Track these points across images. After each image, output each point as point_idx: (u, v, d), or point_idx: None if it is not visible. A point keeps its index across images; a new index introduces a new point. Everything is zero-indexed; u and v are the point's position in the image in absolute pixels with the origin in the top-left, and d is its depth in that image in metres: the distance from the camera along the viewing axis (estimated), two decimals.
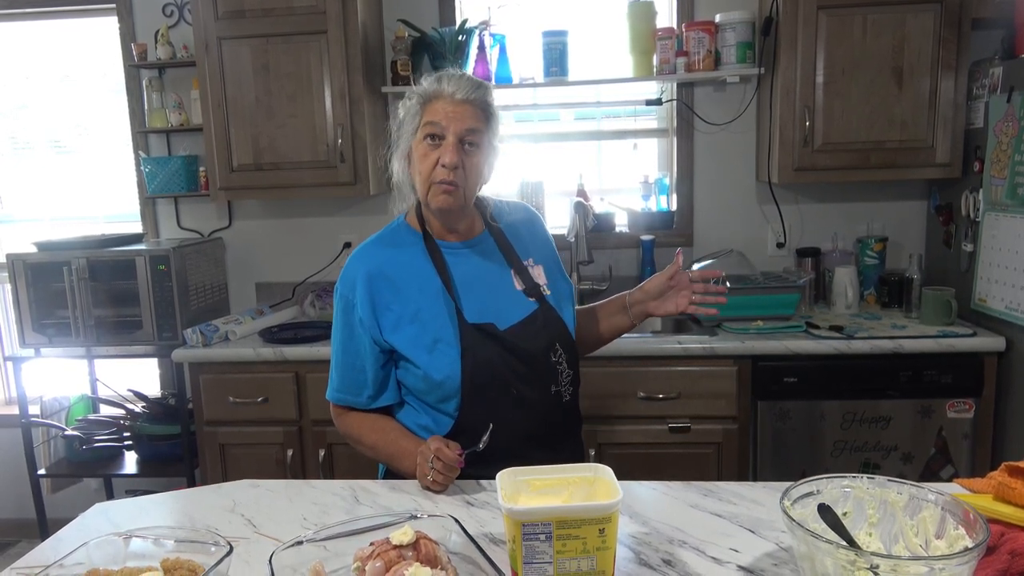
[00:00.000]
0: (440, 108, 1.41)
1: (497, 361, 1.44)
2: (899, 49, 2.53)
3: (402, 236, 1.53)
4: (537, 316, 1.51)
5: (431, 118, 1.41)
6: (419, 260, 1.49)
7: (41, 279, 2.82)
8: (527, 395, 1.46)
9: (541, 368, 1.48)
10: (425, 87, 1.45)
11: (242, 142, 2.80)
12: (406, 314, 1.46)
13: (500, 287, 1.52)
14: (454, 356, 1.43)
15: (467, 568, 1.03)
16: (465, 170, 1.41)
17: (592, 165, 3.21)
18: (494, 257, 1.54)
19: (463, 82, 1.42)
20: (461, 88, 1.41)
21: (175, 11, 3.10)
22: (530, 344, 1.47)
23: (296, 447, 2.65)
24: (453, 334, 1.44)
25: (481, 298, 1.49)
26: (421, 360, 1.44)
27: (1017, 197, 2.26)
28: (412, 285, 1.47)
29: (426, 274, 1.48)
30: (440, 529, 1.08)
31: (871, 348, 2.39)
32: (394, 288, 1.46)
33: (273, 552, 1.01)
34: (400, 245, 1.51)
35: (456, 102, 1.40)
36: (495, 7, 2.96)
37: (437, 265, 1.48)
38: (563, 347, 1.52)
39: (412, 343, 1.45)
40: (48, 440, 3.04)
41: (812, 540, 0.91)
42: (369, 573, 0.97)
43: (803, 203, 3.01)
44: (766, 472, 2.49)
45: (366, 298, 1.46)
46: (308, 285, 3.22)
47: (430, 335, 1.44)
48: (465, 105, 1.41)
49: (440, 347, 1.43)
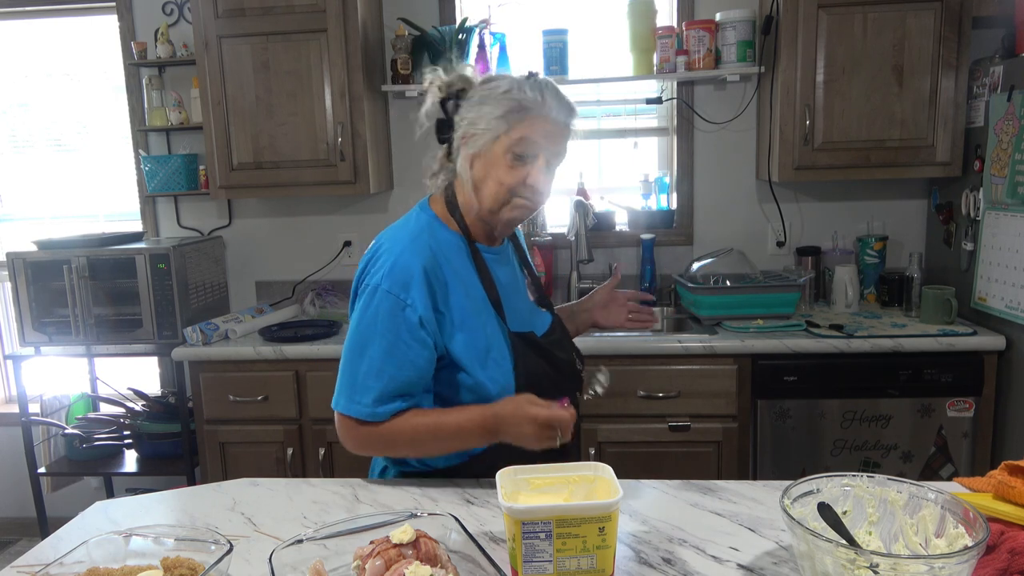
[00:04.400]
0: (539, 127, 1.32)
1: (541, 372, 1.41)
2: (899, 48, 2.53)
3: (439, 233, 1.40)
4: (556, 326, 1.52)
5: (527, 134, 1.31)
6: (463, 262, 1.40)
7: (41, 277, 2.82)
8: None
9: (570, 376, 1.49)
10: (524, 95, 1.31)
11: (242, 140, 2.80)
12: (456, 318, 1.35)
13: (523, 297, 1.52)
14: (507, 368, 1.37)
15: (467, 566, 1.03)
16: (543, 190, 1.37)
17: (592, 163, 3.20)
18: (514, 265, 1.53)
19: (564, 103, 1.35)
20: (563, 110, 1.34)
21: (175, 9, 3.09)
22: (563, 353, 1.48)
23: (296, 446, 2.65)
24: (503, 344, 1.38)
25: (515, 306, 1.45)
26: (476, 371, 1.35)
27: (1017, 196, 2.26)
28: (459, 288, 1.37)
29: (470, 279, 1.39)
30: (440, 528, 1.08)
31: (871, 347, 2.39)
32: (445, 289, 1.35)
33: (273, 551, 1.01)
34: (443, 243, 1.39)
35: (556, 123, 1.33)
36: (495, 5, 2.96)
37: (480, 269, 1.40)
38: (578, 355, 1.54)
39: (467, 351, 1.35)
40: (48, 438, 3.04)
41: (812, 539, 0.91)
42: (369, 572, 0.97)
43: (803, 202, 3.01)
44: (766, 471, 2.50)
45: (426, 297, 1.32)
46: (308, 283, 3.22)
47: (482, 343, 1.36)
48: (561, 128, 1.35)
49: (492, 356, 1.37)
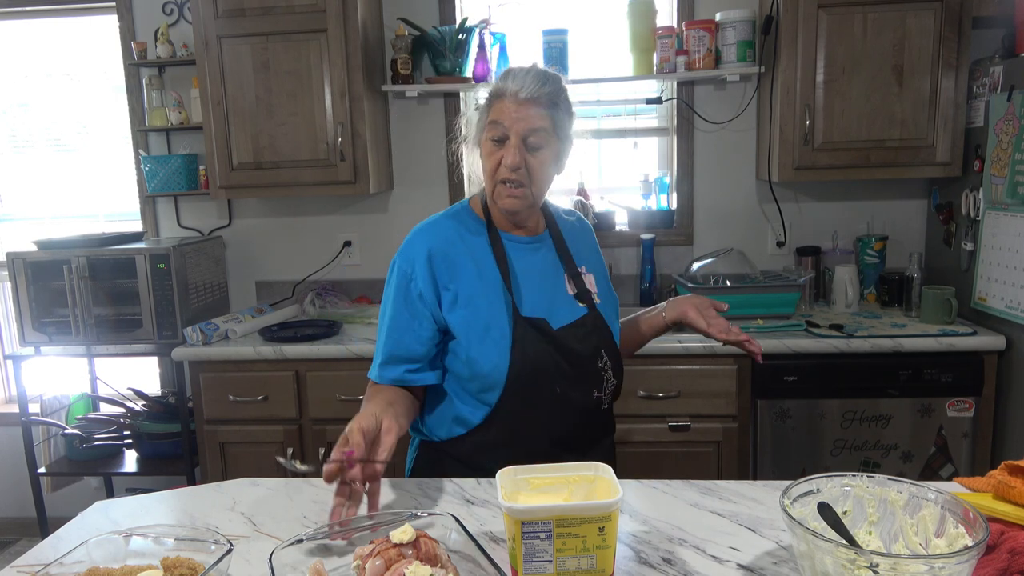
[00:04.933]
0: (504, 108, 1.39)
1: (545, 357, 1.43)
2: (899, 47, 2.53)
3: (466, 220, 1.51)
4: (587, 321, 1.51)
5: (495, 117, 1.40)
6: (481, 247, 1.48)
7: (41, 277, 2.82)
8: (569, 396, 1.46)
9: (587, 371, 1.48)
10: (493, 84, 1.43)
11: (242, 140, 2.80)
12: (462, 296, 1.44)
13: (555, 287, 1.52)
14: (504, 347, 1.41)
15: (467, 566, 1.03)
16: (530, 170, 1.40)
17: (592, 163, 3.21)
18: (551, 258, 1.54)
19: (528, 79, 1.39)
20: (526, 86, 1.38)
21: (175, 9, 3.09)
22: (579, 346, 1.47)
23: (296, 445, 2.65)
24: (506, 325, 1.43)
25: (536, 294, 1.48)
26: (471, 344, 1.42)
27: (1017, 196, 2.26)
28: (471, 270, 1.45)
29: (486, 262, 1.47)
30: (440, 527, 1.08)
31: (871, 347, 2.39)
32: (453, 269, 1.45)
33: (273, 550, 1.01)
34: (465, 228, 1.50)
35: (520, 102, 1.38)
36: (495, 5, 2.96)
37: (498, 256, 1.47)
38: (609, 355, 1.52)
39: (464, 325, 1.43)
40: (48, 438, 3.04)
41: (812, 539, 0.91)
42: (369, 571, 0.97)
43: (803, 202, 3.01)
44: (766, 471, 2.50)
45: (427, 274, 1.43)
46: (308, 283, 3.22)
47: (482, 321, 1.43)
48: (529, 104, 1.38)
49: (491, 335, 1.42)
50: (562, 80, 1.46)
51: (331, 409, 2.61)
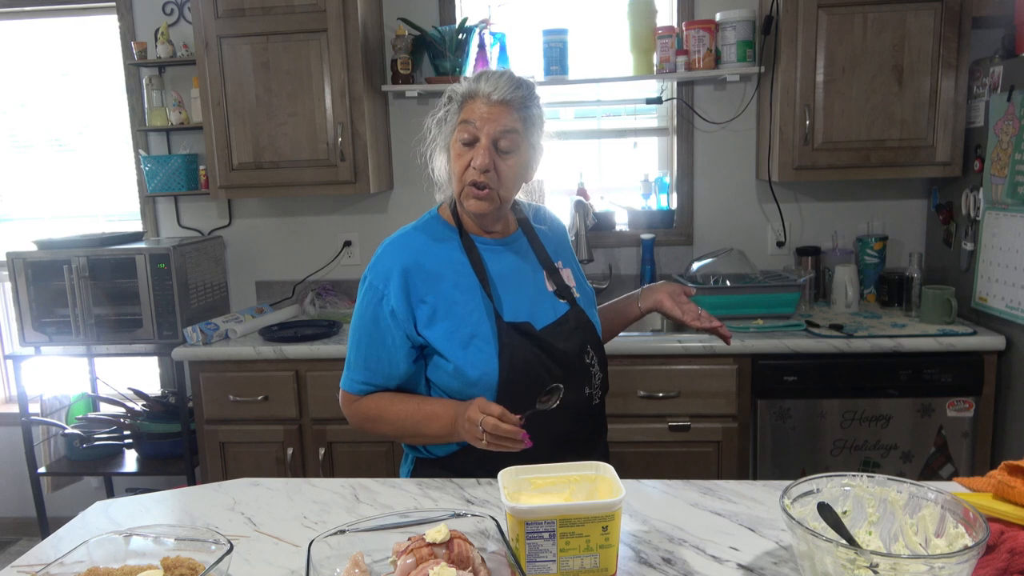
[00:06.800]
0: (476, 109, 1.38)
1: (534, 361, 1.42)
2: (899, 47, 2.53)
3: (437, 229, 1.50)
4: (569, 318, 1.51)
5: (466, 117, 1.39)
6: (455, 254, 1.47)
7: (41, 277, 2.82)
8: (563, 396, 1.46)
9: (575, 369, 1.48)
10: (465, 85, 1.42)
11: (242, 140, 2.80)
12: (441, 308, 1.42)
13: (534, 286, 1.52)
14: (491, 353, 1.41)
15: (505, 572, 1.00)
16: (499, 173, 1.39)
17: (592, 163, 3.20)
18: (527, 256, 1.54)
19: (501, 81, 1.39)
20: (499, 88, 1.38)
21: (175, 9, 3.09)
22: (565, 345, 1.47)
23: (296, 445, 2.65)
24: (490, 331, 1.42)
25: (516, 296, 1.47)
26: (456, 356, 1.41)
27: (1017, 196, 2.26)
28: (447, 279, 1.44)
29: (462, 269, 1.45)
30: (477, 531, 1.05)
31: (871, 347, 2.39)
32: (429, 281, 1.43)
33: (312, 540, 1.00)
34: (436, 238, 1.48)
35: (492, 103, 1.38)
36: (495, 5, 2.96)
37: (473, 261, 1.46)
38: (594, 349, 1.52)
39: (446, 338, 1.41)
40: (48, 438, 3.04)
41: (812, 538, 0.91)
42: (399, 568, 0.96)
43: (803, 202, 3.01)
44: (766, 471, 2.50)
45: (400, 291, 1.42)
46: (308, 283, 3.22)
47: (466, 330, 1.41)
48: (501, 106, 1.38)
49: (476, 343, 1.41)
50: (535, 88, 1.45)
51: (331, 409, 2.61)
